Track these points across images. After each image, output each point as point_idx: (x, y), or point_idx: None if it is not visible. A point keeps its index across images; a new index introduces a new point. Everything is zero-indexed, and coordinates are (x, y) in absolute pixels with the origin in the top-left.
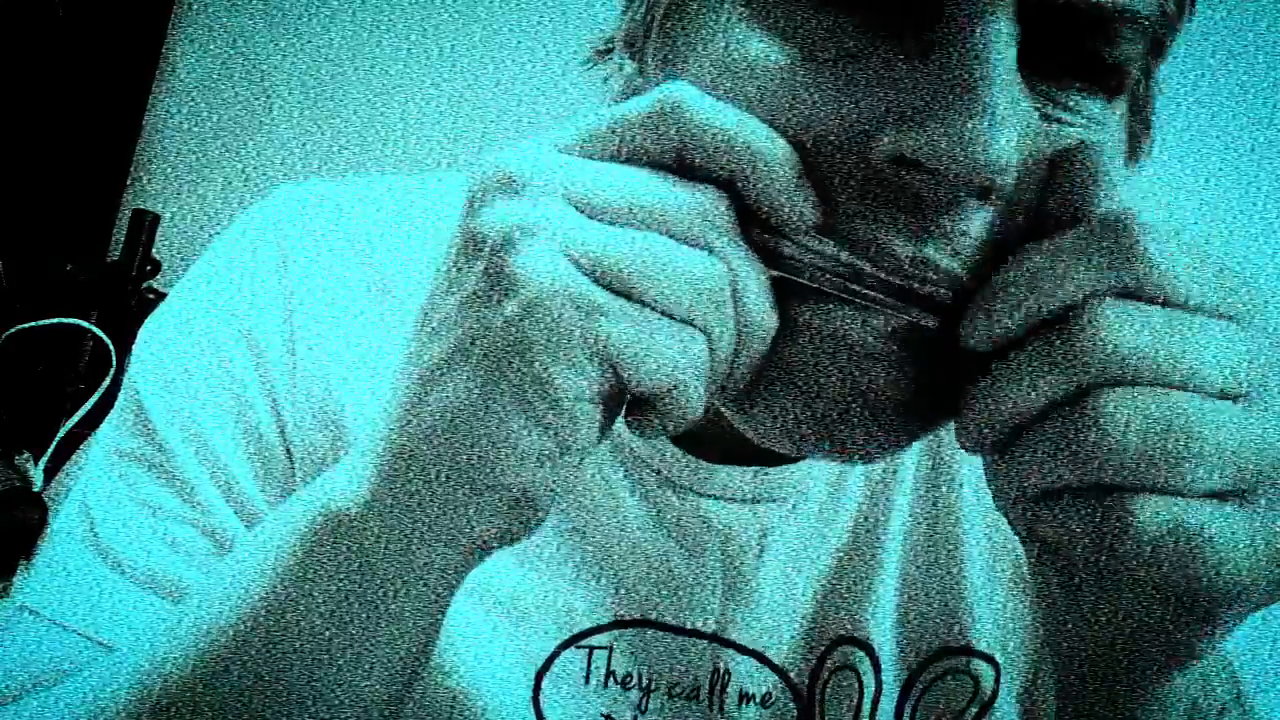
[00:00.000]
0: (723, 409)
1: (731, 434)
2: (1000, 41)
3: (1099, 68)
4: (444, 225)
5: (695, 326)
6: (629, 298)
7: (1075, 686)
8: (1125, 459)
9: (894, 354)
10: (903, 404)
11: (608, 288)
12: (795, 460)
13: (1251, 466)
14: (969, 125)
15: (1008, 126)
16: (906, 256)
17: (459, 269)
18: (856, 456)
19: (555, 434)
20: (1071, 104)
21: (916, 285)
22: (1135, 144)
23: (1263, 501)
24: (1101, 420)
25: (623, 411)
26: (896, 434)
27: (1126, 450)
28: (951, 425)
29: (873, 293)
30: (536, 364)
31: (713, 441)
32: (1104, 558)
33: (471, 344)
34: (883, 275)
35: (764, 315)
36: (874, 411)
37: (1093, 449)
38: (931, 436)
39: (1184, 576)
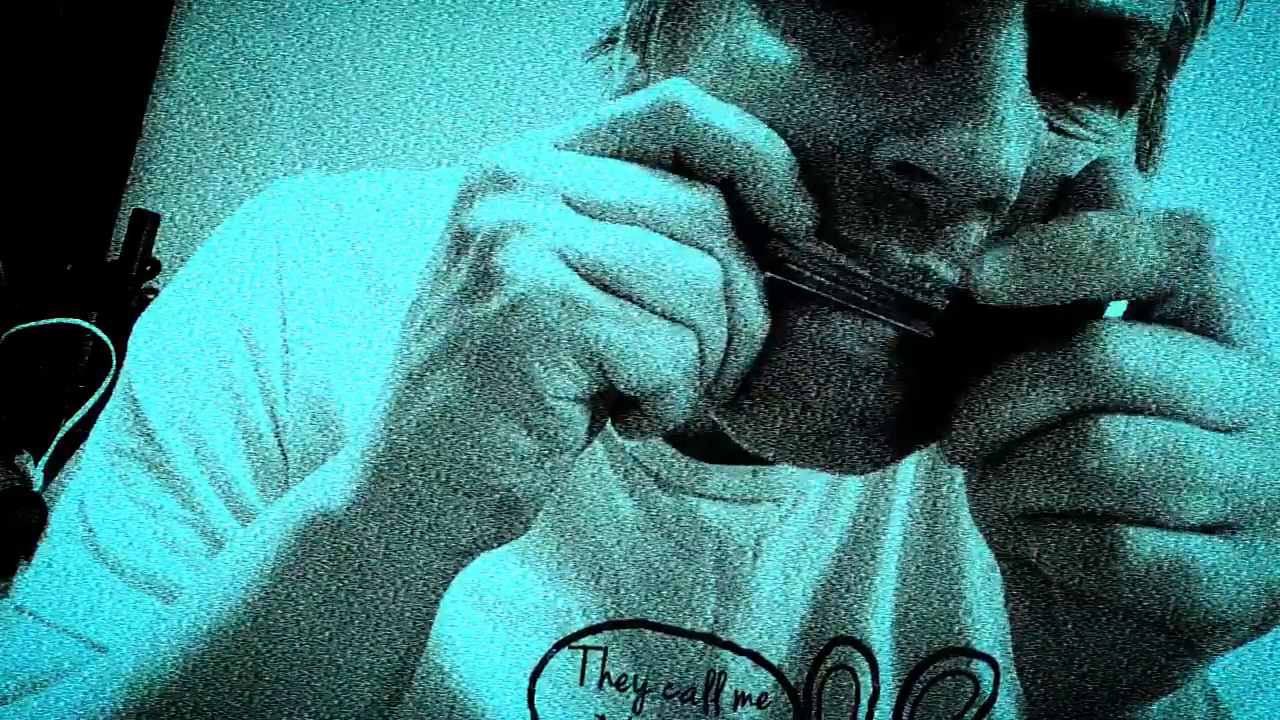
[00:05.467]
0: (713, 415)
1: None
2: (1010, 50)
3: (1110, 79)
4: (442, 223)
5: (686, 326)
6: (620, 296)
7: (1044, 707)
8: (1120, 487)
9: (888, 366)
10: (895, 418)
11: (598, 285)
12: None
13: (1244, 500)
14: (975, 135)
15: (1015, 137)
16: (906, 264)
17: (447, 265)
18: (846, 469)
19: (541, 435)
20: (1081, 116)
21: (913, 294)
22: (1144, 157)
23: (1253, 535)
24: (1100, 446)
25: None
26: (887, 448)
27: (1122, 479)
28: None
29: (868, 299)
30: (521, 363)
31: (709, 442)
32: (1089, 583)
33: (457, 342)
34: (879, 282)
35: (756, 317)
36: (866, 424)
37: (1088, 475)
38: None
39: (1170, 608)
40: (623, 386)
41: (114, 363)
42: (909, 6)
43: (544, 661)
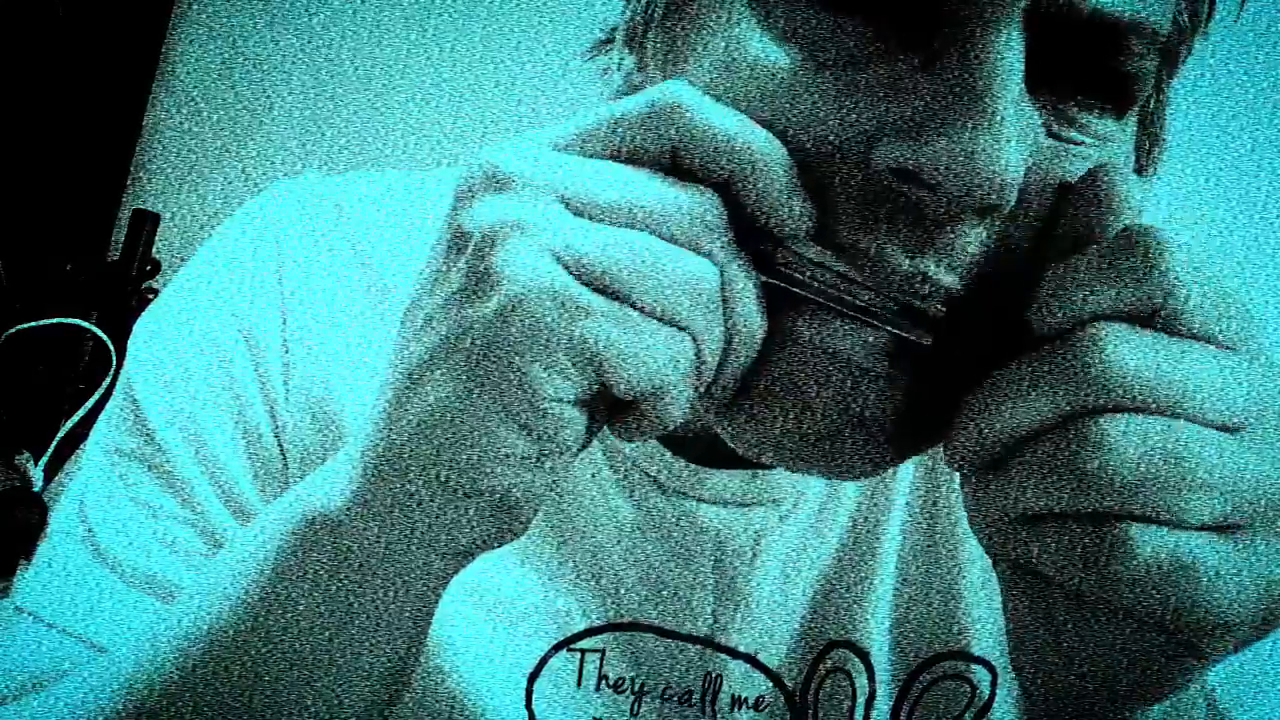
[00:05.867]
0: (709, 419)
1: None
2: (1008, 53)
3: (1109, 82)
4: (441, 223)
5: (683, 329)
6: (616, 298)
7: (1044, 708)
8: (1122, 486)
9: (886, 371)
10: (893, 423)
11: (595, 287)
12: None
13: (1246, 500)
14: (973, 140)
15: (1013, 142)
16: (904, 268)
17: (444, 265)
18: (843, 473)
19: (539, 436)
20: (1080, 120)
21: (911, 299)
22: (1144, 158)
23: (1255, 535)
24: (1100, 446)
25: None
26: (885, 453)
27: (1123, 478)
28: None
29: (865, 305)
30: (517, 364)
31: (707, 445)
32: (1090, 584)
33: (454, 343)
34: (877, 287)
35: (754, 320)
36: (863, 429)
37: (1089, 475)
38: None
39: (1171, 608)
40: (619, 388)
41: (114, 363)
42: (908, 7)
43: (542, 663)
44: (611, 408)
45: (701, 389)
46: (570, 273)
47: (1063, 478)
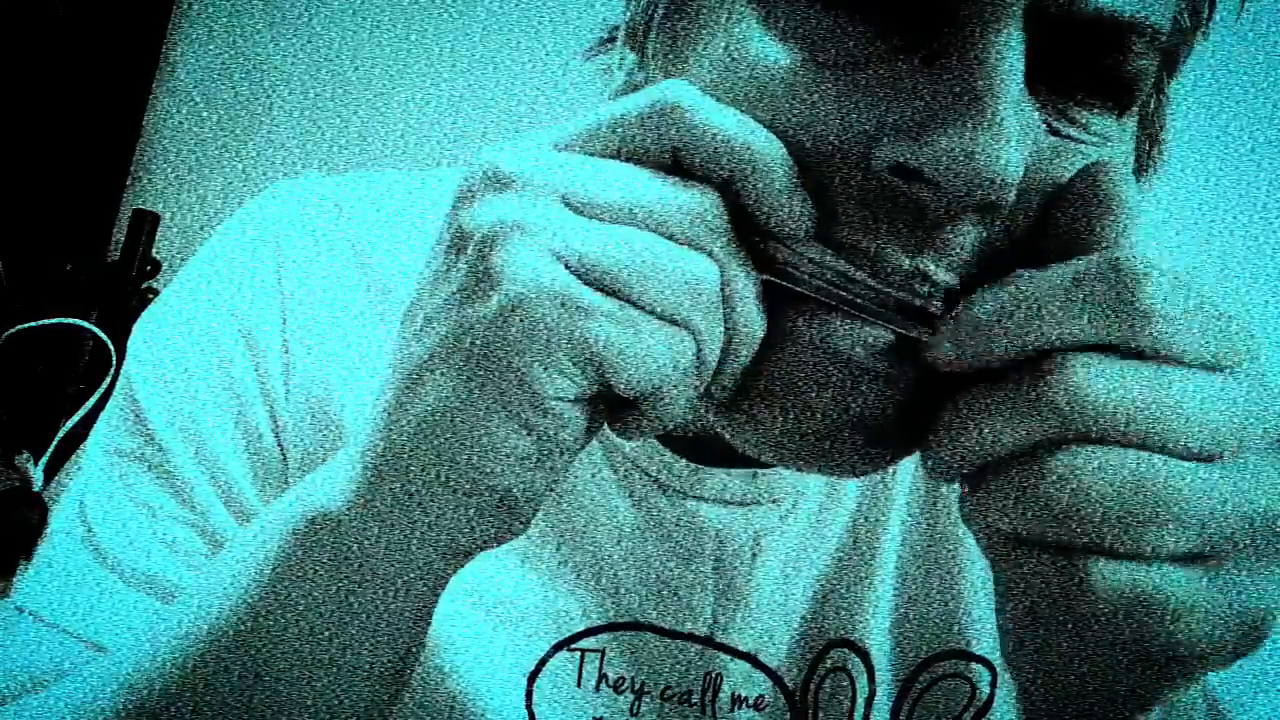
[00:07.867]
0: (709, 417)
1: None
2: (1009, 52)
3: (1110, 82)
4: (441, 223)
5: (684, 328)
6: (617, 297)
7: (1045, 708)
8: (1086, 520)
9: (885, 369)
10: (892, 421)
11: (596, 286)
12: None
13: (1218, 530)
14: (974, 139)
15: (1014, 141)
16: (904, 267)
17: (445, 265)
18: (842, 471)
19: (539, 435)
20: (1080, 119)
21: (910, 298)
22: (1144, 159)
23: (1229, 563)
24: (1065, 479)
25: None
26: (884, 451)
27: (1089, 511)
28: None
29: (865, 303)
30: (518, 364)
31: (707, 444)
32: (1058, 615)
33: (455, 343)
34: (877, 285)
35: (754, 319)
36: (862, 427)
37: (1054, 507)
38: None
39: (1142, 639)
40: (620, 387)
41: (114, 363)
42: (908, 7)
43: (542, 663)
44: (612, 406)
45: (702, 388)
46: (571, 272)
47: (1029, 508)
